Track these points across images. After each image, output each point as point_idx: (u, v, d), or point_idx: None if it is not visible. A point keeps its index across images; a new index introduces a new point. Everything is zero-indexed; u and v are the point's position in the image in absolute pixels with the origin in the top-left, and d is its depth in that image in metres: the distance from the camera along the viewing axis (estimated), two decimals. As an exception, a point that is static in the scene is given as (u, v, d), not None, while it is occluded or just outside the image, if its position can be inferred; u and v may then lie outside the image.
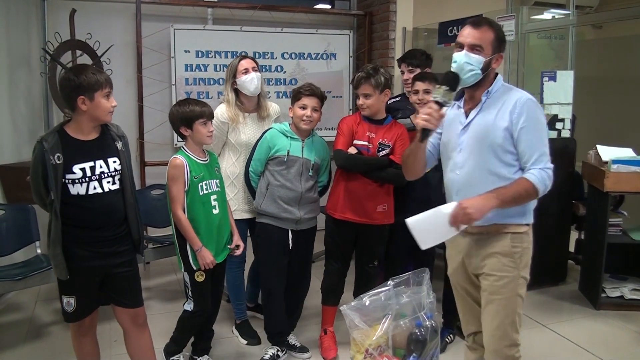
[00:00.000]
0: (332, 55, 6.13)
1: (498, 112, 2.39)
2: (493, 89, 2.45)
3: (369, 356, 3.01)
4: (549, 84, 4.67)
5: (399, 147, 3.38)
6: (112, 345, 3.61)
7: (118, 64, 5.37)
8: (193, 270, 3.10)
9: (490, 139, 2.39)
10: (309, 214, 3.41)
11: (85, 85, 2.55)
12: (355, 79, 3.39)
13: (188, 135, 3.10)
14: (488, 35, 2.39)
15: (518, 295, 2.45)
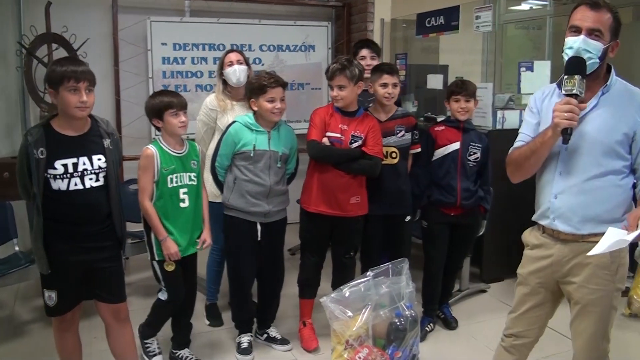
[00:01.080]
0: (310, 47, 6.11)
1: (617, 111, 2.18)
2: (611, 82, 2.22)
3: (349, 347, 3.02)
4: (526, 74, 4.69)
5: (371, 139, 3.38)
6: (93, 342, 3.58)
7: (94, 58, 5.30)
8: (159, 260, 3.10)
9: (603, 140, 2.18)
10: (278, 206, 3.39)
11: (50, 78, 2.53)
12: (329, 70, 3.37)
13: (160, 126, 3.09)
14: (607, 18, 2.14)
15: (613, 307, 2.29)
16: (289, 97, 5.90)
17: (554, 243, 2.34)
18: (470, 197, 3.67)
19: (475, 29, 4.92)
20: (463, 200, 3.64)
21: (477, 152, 3.66)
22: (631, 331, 3.90)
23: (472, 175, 3.68)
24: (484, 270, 4.67)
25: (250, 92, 3.33)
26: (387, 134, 3.54)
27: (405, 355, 3.11)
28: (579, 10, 2.17)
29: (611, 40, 2.15)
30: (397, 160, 3.56)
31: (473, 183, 3.69)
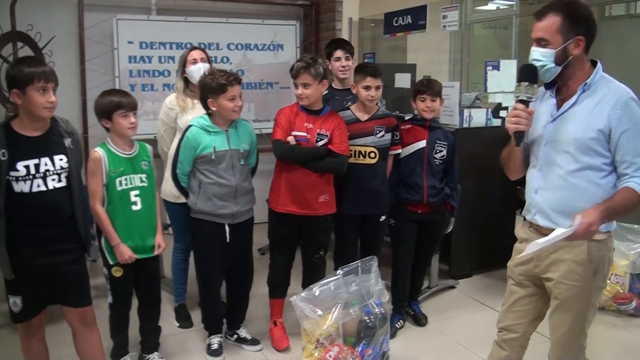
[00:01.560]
0: (279, 46, 6.10)
1: (594, 109, 2.18)
2: (592, 80, 2.22)
3: (320, 346, 3.04)
4: (492, 73, 4.76)
5: (337, 136, 3.38)
6: (61, 346, 3.53)
7: (60, 56, 5.24)
8: (110, 265, 3.04)
9: (578, 137, 2.20)
10: (246, 206, 3.37)
11: (17, 78, 2.47)
12: (294, 68, 3.36)
13: (109, 127, 3.00)
14: (552, 22, 2.17)
15: (591, 304, 2.32)
16: (257, 97, 5.96)
17: (536, 238, 2.37)
18: (437, 195, 3.69)
19: (443, 29, 4.98)
20: (429, 197, 3.66)
21: (443, 149, 3.69)
22: (598, 324, 3.95)
23: (439, 173, 3.71)
24: (453, 266, 4.72)
25: (208, 92, 3.22)
26: (367, 134, 3.55)
27: (376, 352, 3.14)
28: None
29: (566, 40, 2.17)
30: (375, 160, 3.56)
31: (439, 181, 3.72)
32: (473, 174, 4.54)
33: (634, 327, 3.93)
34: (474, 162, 4.53)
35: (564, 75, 2.24)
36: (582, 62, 2.23)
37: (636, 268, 4.03)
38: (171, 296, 4.03)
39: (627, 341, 3.75)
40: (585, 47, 2.21)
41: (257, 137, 3.49)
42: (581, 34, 2.17)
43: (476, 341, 3.61)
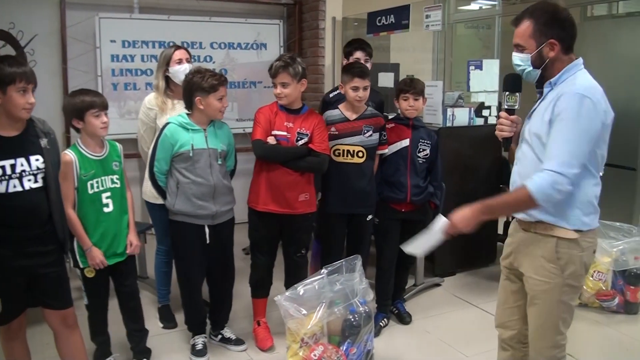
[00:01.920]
0: (262, 45, 6.09)
1: (549, 103, 2.23)
2: (560, 79, 2.26)
3: (304, 345, 3.03)
4: (475, 73, 4.77)
5: (317, 135, 3.38)
6: (44, 348, 3.50)
7: (42, 55, 5.20)
8: (82, 267, 3.02)
9: (537, 132, 2.26)
10: (225, 206, 3.34)
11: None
12: (273, 67, 3.35)
13: (81, 127, 2.95)
14: (526, 27, 2.25)
15: (561, 302, 2.32)
16: (241, 96, 5.94)
17: (517, 232, 2.45)
18: (420, 194, 3.70)
19: (425, 28, 4.99)
20: (413, 196, 3.67)
21: (426, 148, 3.70)
22: (581, 321, 4.01)
23: (422, 172, 3.73)
24: (437, 264, 4.74)
25: (196, 90, 3.17)
26: (355, 133, 3.55)
27: (360, 351, 3.14)
28: None
29: (539, 44, 2.24)
30: (363, 159, 3.56)
31: (423, 179, 3.73)
32: (456, 172, 4.56)
33: (617, 323, 3.97)
34: (458, 161, 4.55)
35: (545, 76, 2.29)
36: (560, 63, 2.27)
37: (618, 265, 4.07)
38: (155, 297, 4.01)
39: (610, 338, 3.79)
40: (563, 49, 2.25)
41: (240, 136, 3.48)
42: (554, 37, 2.22)
43: (460, 339, 3.63)
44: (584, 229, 2.28)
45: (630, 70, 4.83)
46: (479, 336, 3.72)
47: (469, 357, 3.52)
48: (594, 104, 2.13)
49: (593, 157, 2.21)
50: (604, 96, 2.21)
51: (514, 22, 2.31)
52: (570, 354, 3.33)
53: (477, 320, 4.01)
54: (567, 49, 2.27)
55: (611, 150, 2.33)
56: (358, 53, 4.15)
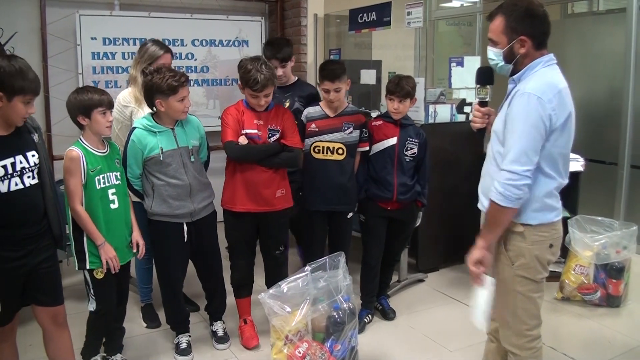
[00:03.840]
0: (244, 42, 6.06)
1: (507, 101, 2.32)
2: (522, 75, 2.32)
3: (288, 342, 3.03)
4: (456, 69, 4.79)
5: (288, 129, 3.38)
6: (27, 350, 3.47)
7: (22, 53, 5.06)
8: (90, 269, 2.97)
9: (496, 129, 2.36)
10: (203, 202, 3.31)
11: (6, 83, 2.42)
12: (258, 81, 3.20)
13: (86, 124, 2.93)
14: (497, 24, 2.32)
15: (517, 292, 2.39)
16: (223, 93, 5.92)
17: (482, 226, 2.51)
18: (407, 192, 3.68)
19: (407, 25, 5.00)
20: (399, 195, 3.65)
21: (414, 147, 3.66)
22: (563, 314, 4.06)
23: (409, 170, 3.69)
24: (420, 260, 4.76)
25: (156, 92, 3.08)
26: (334, 130, 3.55)
27: (344, 347, 3.13)
28: None
29: (510, 40, 2.29)
30: (343, 156, 3.57)
31: (410, 178, 3.70)
32: (438, 168, 4.57)
33: (599, 316, 4.01)
34: (440, 157, 4.57)
35: (516, 71, 2.35)
36: (529, 59, 2.32)
37: (600, 259, 4.10)
38: (137, 296, 3.98)
39: (593, 330, 3.82)
40: (534, 45, 2.29)
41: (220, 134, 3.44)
42: (525, 34, 2.27)
43: (444, 334, 3.65)
44: (533, 223, 2.34)
45: (610, 66, 4.88)
46: (463, 331, 3.74)
47: (452, 351, 3.54)
48: (543, 102, 2.18)
49: (548, 155, 2.26)
50: (560, 94, 2.24)
51: (488, 17, 2.38)
52: (553, 347, 3.37)
53: (461, 316, 4.02)
54: (539, 45, 2.31)
55: (592, 145, 2.37)
56: (274, 62, 3.95)
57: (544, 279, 2.41)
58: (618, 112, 4.70)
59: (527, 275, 2.37)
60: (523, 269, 2.37)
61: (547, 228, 2.35)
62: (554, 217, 2.36)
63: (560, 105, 2.22)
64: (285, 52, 4.03)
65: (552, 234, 2.38)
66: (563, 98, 2.24)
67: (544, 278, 2.41)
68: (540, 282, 2.41)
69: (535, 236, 2.34)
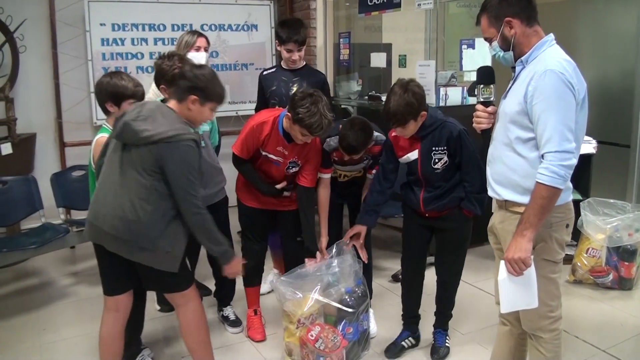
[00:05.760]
0: (253, 27, 6.04)
1: (522, 81, 2.25)
2: (530, 56, 2.28)
3: (301, 326, 3.05)
4: (467, 52, 4.76)
5: (308, 166, 3.26)
6: (41, 333, 3.53)
7: (32, 40, 5.16)
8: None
9: (507, 111, 2.30)
10: (215, 187, 3.31)
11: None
12: (323, 127, 2.99)
13: (113, 112, 2.90)
14: (483, 22, 2.36)
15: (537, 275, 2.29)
16: (233, 78, 5.90)
17: (495, 210, 2.51)
18: (437, 202, 3.07)
19: (417, 7, 4.95)
20: (426, 206, 3.09)
21: (442, 156, 3.00)
22: (575, 297, 4.06)
23: (439, 181, 3.05)
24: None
25: (161, 78, 3.06)
26: (354, 163, 3.38)
27: (356, 329, 3.17)
28: None
29: (498, 28, 2.31)
30: (361, 174, 3.50)
31: (440, 188, 3.06)
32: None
33: (611, 299, 4.00)
34: None
35: (518, 55, 2.32)
36: (526, 38, 2.30)
37: (612, 242, 4.09)
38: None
39: (605, 313, 3.81)
40: (523, 22, 2.28)
41: (232, 119, 3.43)
42: (507, 15, 2.28)
43: (456, 317, 3.64)
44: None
45: (622, 47, 4.82)
46: (473, 314, 3.76)
47: (464, 334, 3.55)
48: (566, 77, 2.15)
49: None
50: (575, 69, 2.21)
51: (476, 23, 2.42)
52: (565, 330, 3.36)
53: (470, 298, 4.03)
54: (529, 19, 2.29)
55: (605, 127, 2.34)
56: (291, 45, 3.80)
57: (562, 258, 2.40)
58: (631, 93, 4.65)
59: (548, 257, 2.35)
60: (543, 251, 2.34)
61: (563, 208, 2.32)
62: (568, 196, 2.34)
63: (579, 80, 2.20)
64: (302, 34, 3.85)
65: (567, 214, 2.36)
66: (579, 73, 2.22)
67: (562, 258, 2.40)
68: (559, 262, 2.39)
69: (554, 217, 2.30)
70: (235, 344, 3.47)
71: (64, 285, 4.36)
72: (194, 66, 2.70)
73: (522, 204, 2.27)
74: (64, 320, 3.76)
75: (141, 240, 2.50)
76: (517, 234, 2.22)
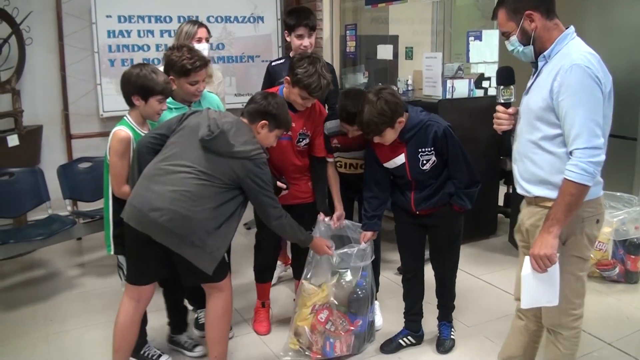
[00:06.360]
0: (259, 18, 6.03)
1: (546, 77, 2.22)
2: (553, 51, 2.25)
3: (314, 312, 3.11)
4: (474, 44, 4.74)
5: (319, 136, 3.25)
6: (48, 324, 3.55)
7: (38, 32, 5.16)
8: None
9: (532, 107, 2.27)
10: None
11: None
12: (322, 87, 2.99)
13: (138, 105, 2.83)
14: (501, 16, 2.31)
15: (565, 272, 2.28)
16: (239, 70, 5.90)
17: (524, 206, 2.47)
18: (428, 201, 3.04)
19: (424, -1, 4.94)
20: (417, 205, 3.06)
21: (430, 157, 2.95)
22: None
23: (429, 180, 3.02)
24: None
25: (170, 69, 3.01)
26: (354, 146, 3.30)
27: (365, 322, 3.19)
28: None
29: (518, 22, 2.26)
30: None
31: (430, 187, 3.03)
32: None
33: (617, 292, 3.99)
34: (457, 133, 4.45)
35: (539, 50, 2.28)
36: (547, 32, 2.26)
37: (619, 235, 4.07)
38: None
39: (611, 306, 3.80)
40: (543, 15, 2.24)
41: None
42: (528, 8, 2.23)
43: (461, 310, 3.65)
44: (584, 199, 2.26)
45: (630, 39, 4.79)
46: (478, 306, 3.76)
47: (470, 327, 3.55)
48: (592, 71, 2.12)
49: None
50: (600, 62, 2.19)
51: (493, 17, 2.37)
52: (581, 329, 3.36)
53: (476, 291, 4.03)
54: (549, 13, 2.25)
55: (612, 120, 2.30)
56: (301, 29, 3.67)
57: (590, 255, 2.38)
58: (638, 86, 4.61)
59: (577, 253, 2.32)
60: (573, 247, 2.31)
61: (594, 203, 2.29)
62: (599, 191, 2.31)
63: (605, 73, 2.18)
64: (313, 19, 3.76)
65: (598, 209, 2.33)
66: (604, 66, 2.19)
67: (590, 255, 2.38)
68: (588, 259, 2.37)
69: (585, 212, 2.27)
70: (240, 336, 3.47)
71: (70, 277, 4.38)
72: (268, 94, 2.86)
73: (553, 199, 2.23)
74: (71, 312, 3.77)
75: (194, 237, 2.54)
76: (543, 230, 2.20)
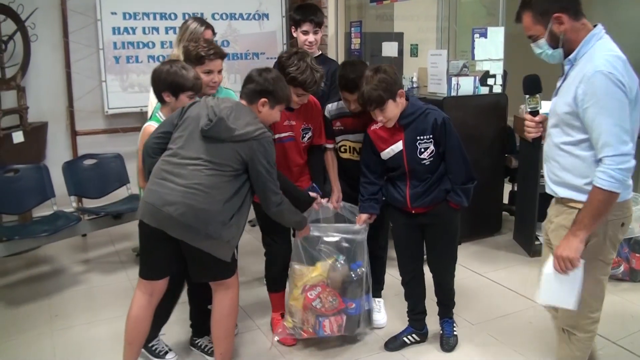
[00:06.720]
0: (264, 15, 6.02)
1: (572, 81, 2.20)
2: (578, 54, 2.23)
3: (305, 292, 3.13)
4: (480, 41, 4.72)
5: (319, 127, 3.24)
6: (53, 320, 3.56)
7: (43, 29, 5.17)
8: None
9: (557, 111, 2.27)
10: None
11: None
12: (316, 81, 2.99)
13: (169, 101, 2.86)
14: (528, 18, 2.27)
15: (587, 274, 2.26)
16: (244, 67, 5.89)
17: (553, 203, 2.46)
18: (424, 198, 2.99)
19: (429, -5, 4.93)
20: (413, 202, 3.01)
21: (429, 145, 2.92)
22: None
23: (426, 173, 2.97)
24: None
25: (186, 59, 3.03)
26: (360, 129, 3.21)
27: (358, 306, 3.20)
28: None
29: (546, 25, 2.23)
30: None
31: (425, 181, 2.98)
32: (461, 142, 4.53)
33: (622, 291, 3.98)
34: (462, 131, 4.43)
35: (567, 51, 2.27)
36: (575, 33, 2.24)
37: (624, 233, 4.06)
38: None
39: (616, 305, 3.79)
40: (571, 17, 2.22)
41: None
42: (556, 11, 2.21)
43: (466, 307, 3.65)
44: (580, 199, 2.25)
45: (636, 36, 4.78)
46: (483, 304, 3.75)
47: (474, 325, 3.54)
48: (616, 76, 2.09)
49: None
50: (626, 64, 2.16)
51: (517, 20, 2.35)
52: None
53: (482, 289, 4.03)
54: (576, 14, 2.23)
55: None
56: (307, 25, 3.69)
57: (612, 259, 2.36)
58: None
59: (599, 256, 2.31)
60: (595, 250, 2.28)
61: (620, 206, 2.26)
62: (628, 194, 2.27)
63: (630, 76, 2.15)
64: (320, 16, 3.76)
65: (625, 212, 2.30)
66: (629, 69, 2.17)
67: (613, 259, 2.36)
68: (610, 263, 2.35)
69: (611, 215, 2.23)
70: (244, 332, 3.47)
71: (75, 273, 4.40)
72: (262, 70, 2.84)
73: (580, 200, 2.23)
74: (75, 307, 3.79)
75: (209, 229, 2.56)
76: (570, 232, 2.20)
